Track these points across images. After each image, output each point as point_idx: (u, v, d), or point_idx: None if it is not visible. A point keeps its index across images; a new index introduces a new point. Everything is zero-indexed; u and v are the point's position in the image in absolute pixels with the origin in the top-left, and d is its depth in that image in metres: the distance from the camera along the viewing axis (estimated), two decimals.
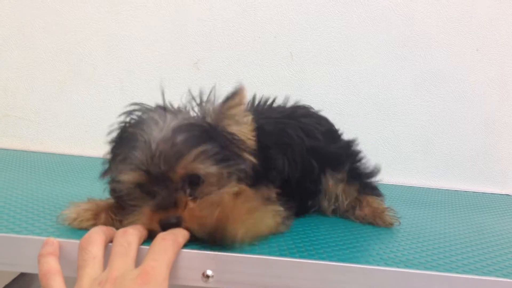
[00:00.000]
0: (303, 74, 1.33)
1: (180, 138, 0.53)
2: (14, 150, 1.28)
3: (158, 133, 0.53)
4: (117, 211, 0.58)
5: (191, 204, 0.53)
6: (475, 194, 1.33)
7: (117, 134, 0.59)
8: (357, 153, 0.84)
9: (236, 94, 0.59)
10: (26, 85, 1.31)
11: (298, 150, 0.70)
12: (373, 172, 0.84)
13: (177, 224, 0.53)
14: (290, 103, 0.82)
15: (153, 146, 0.52)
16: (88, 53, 1.31)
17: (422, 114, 1.36)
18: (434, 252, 0.65)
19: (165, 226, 0.52)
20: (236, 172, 0.57)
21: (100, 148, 0.60)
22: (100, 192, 0.60)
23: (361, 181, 0.81)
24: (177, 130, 0.54)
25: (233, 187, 0.56)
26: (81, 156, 1.28)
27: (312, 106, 0.84)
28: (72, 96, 1.32)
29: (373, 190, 0.82)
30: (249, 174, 0.58)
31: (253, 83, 1.32)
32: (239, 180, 0.57)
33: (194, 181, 0.54)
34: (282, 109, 0.78)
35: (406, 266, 0.57)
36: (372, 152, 1.34)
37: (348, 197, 0.79)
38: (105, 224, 0.56)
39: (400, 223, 0.78)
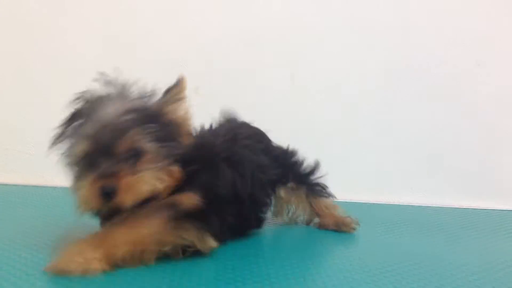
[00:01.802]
0: (304, 96, 1.33)
1: (126, 118, 0.62)
2: (13, 185, 1.26)
3: (108, 112, 0.62)
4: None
5: (128, 176, 0.60)
6: (484, 211, 1.29)
7: (70, 113, 0.66)
8: (296, 161, 0.93)
9: (177, 84, 0.68)
10: (25, 119, 1.30)
11: (249, 167, 0.77)
12: (315, 169, 0.93)
13: (113, 193, 0.58)
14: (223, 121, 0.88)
15: (102, 122, 0.61)
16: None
17: (424, 130, 1.35)
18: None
19: (103, 193, 0.58)
20: (173, 154, 0.64)
21: None
22: None
23: (308, 183, 0.91)
24: (125, 111, 0.62)
25: (169, 165, 0.64)
26: None
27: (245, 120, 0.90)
28: None
29: (322, 192, 0.92)
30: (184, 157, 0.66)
31: (254, 105, 1.30)
32: (176, 162, 0.65)
33: (135, 155, 0.62)
34: (223, 132, 0.82)
35: None
36: (374, 170, 1.34)
37: (300, 203, 0.91)
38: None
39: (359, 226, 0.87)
